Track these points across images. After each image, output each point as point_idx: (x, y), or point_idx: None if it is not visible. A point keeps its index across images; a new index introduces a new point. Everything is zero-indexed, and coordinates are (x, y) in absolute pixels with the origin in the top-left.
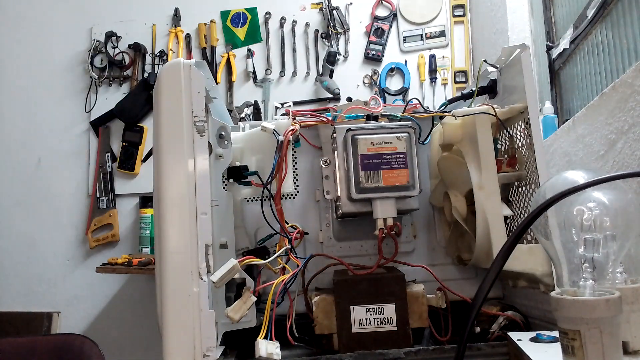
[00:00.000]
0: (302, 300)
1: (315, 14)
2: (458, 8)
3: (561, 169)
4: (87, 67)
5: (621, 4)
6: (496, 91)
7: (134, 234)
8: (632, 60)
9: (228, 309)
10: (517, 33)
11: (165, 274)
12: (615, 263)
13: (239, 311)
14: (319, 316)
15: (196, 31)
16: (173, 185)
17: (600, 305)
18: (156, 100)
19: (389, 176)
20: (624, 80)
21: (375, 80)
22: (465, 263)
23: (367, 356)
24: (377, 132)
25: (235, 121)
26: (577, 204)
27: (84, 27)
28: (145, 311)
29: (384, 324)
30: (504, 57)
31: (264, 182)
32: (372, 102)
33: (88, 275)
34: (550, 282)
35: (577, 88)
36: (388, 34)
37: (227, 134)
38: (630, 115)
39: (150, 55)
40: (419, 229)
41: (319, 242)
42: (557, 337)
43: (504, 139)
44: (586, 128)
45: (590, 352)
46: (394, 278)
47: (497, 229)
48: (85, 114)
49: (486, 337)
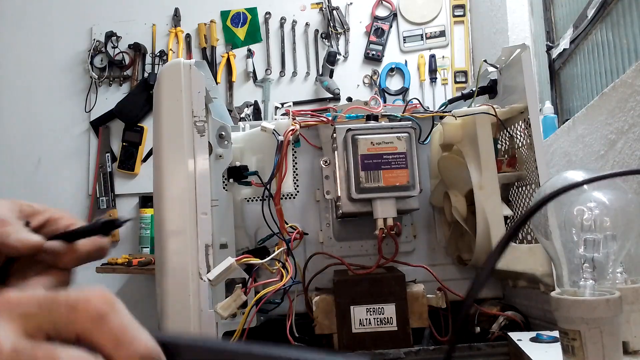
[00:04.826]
0: (302, 300)
1: (315, 14)
2: (458, 8)
3: (561, 169)
4: (87, 67)
5: (621, 4)
6: (496, 91)
7: (134, 234)
8: (632, 60)
9: (218, 305)
10: (517, 33)
11: (165, 274)
12: (616, 263)
13: (228, 309)
14: (319, 316)
15: (196, 31)
16: (173, 185)
17: (601, 305)
18: (156, 100)
19: (389, 176)
20: (624, 80)
21: (375, 80)
22: (465, 263)
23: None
24: (377, 132)
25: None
26: (577, 204)
27: (84, 27)
28: (145, 311)
29: (384, 324)
30: (504, 57)
31: (264, 182)
32: (372, 102)
33: (88, 275)
34: (550, 282)
35: (577, 88)
36: (388, 34)
37: (227, 134)
38: (630, 115)
39: (150, 55)
40: (419, 229)
41: (319, 242)
42: (557, 337)
43: (504, 139)
44: (586, 128)
45: (590, 352)
46: (394, 278)
47: (497, 229)
48: (85, 114)
49: (486, 337)
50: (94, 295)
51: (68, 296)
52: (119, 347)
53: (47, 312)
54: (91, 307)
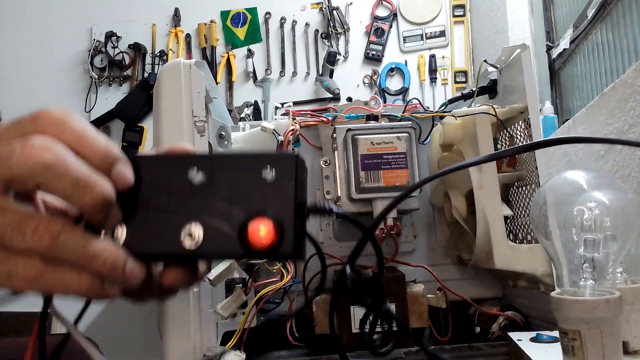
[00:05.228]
0: (302, 300)
1: (315, 14)
2: (458, 8)
3: (561, 169)
4: (87, 67)
5: (621, 4)
6: (496, 91)
7: None
8: (632, 60)
9: (218, 305)
10: (517, 33)
11: None
12: (616, 263)
13: (228, 309)
14: (319, 316)
15: (196, 31)
16: None
17: (601, 305)
18: (156, 100)
19: (389, 176)
20: (624, 80)
21: (375, 80)
22: (465, 263)
23: (367, 356)
24: (377, 132)
25: (235, 121)
26: (577, 204)
27: (84, 27)
28: (145, 311)
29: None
30: (504, 57)
31: None
32: (372, 102)
33: None
34: (550, 282)
35: (577, 88)
36: (388, 34)
37: (227, 134)
38: (630, 115)
39: (150, 55)
40: (419, 229)
41: (319, 242)
42: (557, 337)
43: (504, 139)
44: (586, 128)
45: (590, 352)
46: (394, 278)
47: (497, 229)
48: (85, 114)
49: (486, 337)
50: (53, 107)
51: (26, 116)
52: (83, 144)
53: (4, 160)
54: (52, 114)
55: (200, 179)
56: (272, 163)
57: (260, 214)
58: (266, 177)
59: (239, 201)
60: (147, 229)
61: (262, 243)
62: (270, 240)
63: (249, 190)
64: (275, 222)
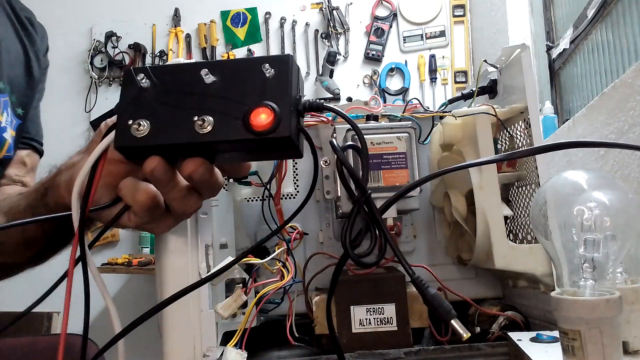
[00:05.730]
0: (302, 300)
1: (315, 14)
2: (458, 8)
3: (561, 169)
4: (87, 67)
5: (621, 4)
6: (496, 91)
7: (134, 233)
8: (632, 60)
9: (218, 305)
10: (517, 33)
11: (165, 274)
12: (616, 263)
13: (228, 309)
14: (319, 316)
15: (196, 31)
16: None
17: (601, 305)
18: None
19: (389, 176)
20: (624, 80)
21: (375, 80)
22: (465, 263)
23: (367, 356)
24: (377, 132)
25: None
26: (577, 204)
27: (84, 27)
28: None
29: (384, 324)
30: (504, 57)
31: (263, 182)
32: (372, 102)
33: None
34: (550, 282)
35: (577, 88)
36: (388, 34)
37: None
38: (630, 115)
39: (150, 55)
40: (419, 229)
41: (319, 242)
42: (557, 337)
43: (504, 139)
44: (586, 128)
45: (590, 352)
46: (394, 278)
47: (497, 229)
48: (85, 114)
49: (486, 337)
50: None
51: None
52: None
53: None
54: None
55: (210, 79)
56: (271, 63)
57: (262, 104)
58: (266, 74)
59: (243, 94)
60: (166, 123)
61: (263, 125)
62: (270, 123)
63: (252, 85)
64: (273, 108)
